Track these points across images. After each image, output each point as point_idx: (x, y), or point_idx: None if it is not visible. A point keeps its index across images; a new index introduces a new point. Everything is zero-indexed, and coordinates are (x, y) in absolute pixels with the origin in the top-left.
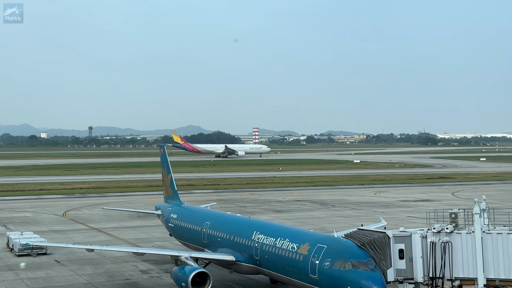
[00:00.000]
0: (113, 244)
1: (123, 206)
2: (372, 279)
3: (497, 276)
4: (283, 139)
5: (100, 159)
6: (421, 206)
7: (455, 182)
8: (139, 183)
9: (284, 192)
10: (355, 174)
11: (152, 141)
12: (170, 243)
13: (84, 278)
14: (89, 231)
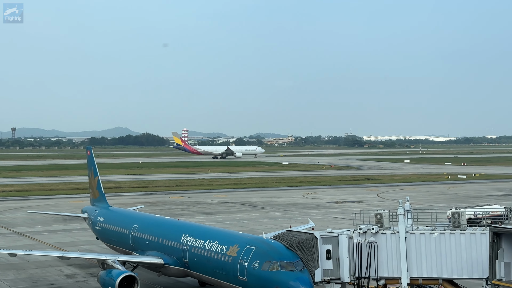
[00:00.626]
0: (37, 248)
1: (48, 209)
2: (300, 279)
3: (420, 275)
4: (212, 141)
5: (23, 161)
6: (348, 207)
7: (380, 183)
8: (64, 186)
9: (213, 194)
10: (283, 176)
11: (79, 143)
12: (97, 247)
13: (7, 283)
14: (12, 235)
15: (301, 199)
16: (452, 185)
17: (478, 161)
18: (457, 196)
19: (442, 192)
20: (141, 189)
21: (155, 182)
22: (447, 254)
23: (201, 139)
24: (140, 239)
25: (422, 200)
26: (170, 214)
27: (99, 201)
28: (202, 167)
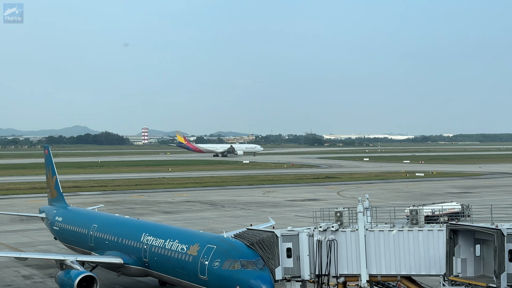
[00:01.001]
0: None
1: (4, 209)
2: (260, 278)
3: (379, 272)
4: (172, 140)
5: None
6: (308, 205)
7: (340, 181)
8: (21, 185)
9: (173, 193)
10: (244, 175)
11: (36, 142)
12: (55, 247)
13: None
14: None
15: (262, 198)
16: (410, 183)
17: (435, 159)
18: (415, 193)
19: (401, 190)
20: (100, 188)
21: (115, 181)
22: (405, 251)
23: (161, 138)
24: (99, 239)
25: (381, 198)
26: (130, 214)
27: (57, 200)
28: (162, 166)
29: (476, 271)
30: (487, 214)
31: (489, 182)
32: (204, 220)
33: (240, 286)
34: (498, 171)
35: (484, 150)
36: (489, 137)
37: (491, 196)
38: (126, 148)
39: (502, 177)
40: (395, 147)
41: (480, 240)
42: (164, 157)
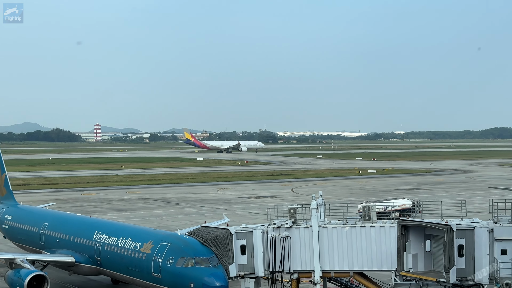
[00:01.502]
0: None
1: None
2: (214, 275)
3: (332, 268)
4: (125, 137)
5: None
6: (262, 202)
7: (294, 178)
8: None
9: (126, 190)
10: (198, 172)
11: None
12: (4, 246)
13: None
14: None
15: (216, 195)
16: (363, 180)
17: (387, 156)
18: (368, 190)
19: (353, 186)
20: (51, 186)
21: (66, 179)
22: (358, 247)
23: (114, 135)
24: (50, 237)
25: (335, 194)
26: (82, 212)
27: (7, 198)
28: (115, 163)
29: (426, 266)
30: (437, 210)
31: (439, 178)
32: (158, 218)
33: (194, 284)
34: (448, 168)
35: (435, 147)
36: (439, 134)
37: (441, 193)
38: (78, 145)
39: (451, 173)
40: (348, 144)
41: (430, 236)
42: (117, 154)
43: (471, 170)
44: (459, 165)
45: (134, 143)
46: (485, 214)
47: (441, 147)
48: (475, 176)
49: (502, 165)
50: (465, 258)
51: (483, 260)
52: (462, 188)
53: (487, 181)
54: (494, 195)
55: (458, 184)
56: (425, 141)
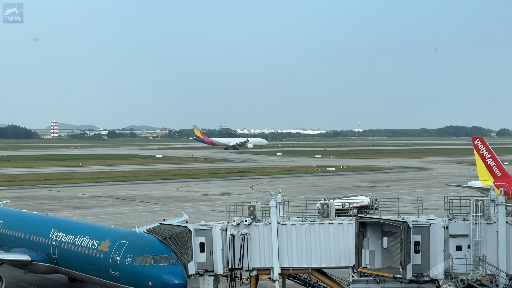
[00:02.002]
0: None
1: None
2: (173, 273)
3: (291, 265)
4: (83, 134)
5: None
6: (222, 199)
7: (253, 176)
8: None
9: (84, 188)
10: (157, 169)
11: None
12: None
13: None
14: None
15: (175, 192)
16: (322, 177)
17: (346, 153)
18: (327, 187)
19: (312, 184)
20: (6, 183)
21: (22, 176)
22: (316, 244)
23: (72, 131)
24: (5, 236)
25: (294, 192)
26: (38, 209)
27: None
28: (72, 160)
29: (383, 263)
30: (394, 207)
31: (396, 176)
32: (116, 216)
33: (153, 282)
34: (404, 166)
35: (392, 145)
36: (396, 132)
37: (398, 190)
38: (34, 142)
39: (408, 171)
40: (307, 142)
41: (387, 233)
42: (75, 151)
43: (427, 168)
44: (416, 163)
45: (92, 140)
46: (441, 211)
47: (398, 145)
48: (431, 174)
49: (458, 163)
50: (421, 254)
51: (438, 256)
52: (419, 185)
53: (443, 179)
54: (449, 192)
55: (414, 181)
56: (383, 139)
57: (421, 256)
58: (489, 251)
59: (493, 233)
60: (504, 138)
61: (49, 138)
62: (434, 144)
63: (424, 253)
